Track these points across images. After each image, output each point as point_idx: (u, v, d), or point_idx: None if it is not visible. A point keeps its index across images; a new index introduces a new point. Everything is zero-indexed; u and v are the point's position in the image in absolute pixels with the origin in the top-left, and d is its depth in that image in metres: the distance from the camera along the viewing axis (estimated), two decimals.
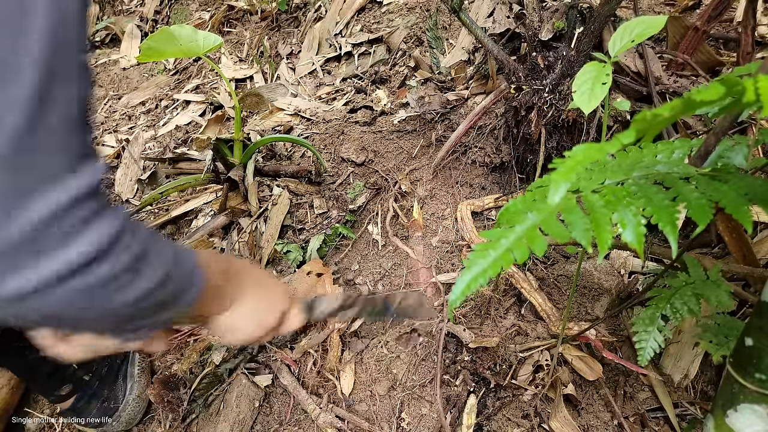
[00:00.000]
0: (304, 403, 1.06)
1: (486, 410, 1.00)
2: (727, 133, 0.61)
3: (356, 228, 1.40)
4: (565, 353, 1.01)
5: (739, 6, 1.45)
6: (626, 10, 1.56)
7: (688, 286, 0.79)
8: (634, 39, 0.69)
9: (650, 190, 0.50)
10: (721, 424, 0.75)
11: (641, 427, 0.94)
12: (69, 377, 1.05)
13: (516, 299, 1.15)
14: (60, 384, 1.04)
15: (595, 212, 0.48)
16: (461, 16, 1.17)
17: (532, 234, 0.50)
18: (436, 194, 1.40)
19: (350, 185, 1.49)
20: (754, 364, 0.68)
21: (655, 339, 0.79)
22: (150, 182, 1.78)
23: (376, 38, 1.97)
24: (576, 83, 0.69)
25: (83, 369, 1.07)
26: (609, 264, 1.14)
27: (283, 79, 2.09)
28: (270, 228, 1.40)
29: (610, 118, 1.20)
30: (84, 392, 1.07)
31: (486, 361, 1.04)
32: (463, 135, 1.39)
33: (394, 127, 1.59)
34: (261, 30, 2.37)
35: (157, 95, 2.31)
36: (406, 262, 1.28)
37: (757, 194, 0.49)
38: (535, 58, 1.16)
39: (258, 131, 1.79)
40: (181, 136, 1.99)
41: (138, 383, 1.12)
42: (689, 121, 1.24)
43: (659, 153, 0.64)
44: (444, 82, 1.63)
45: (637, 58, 1.28)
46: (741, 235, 0.92)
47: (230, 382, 1.13)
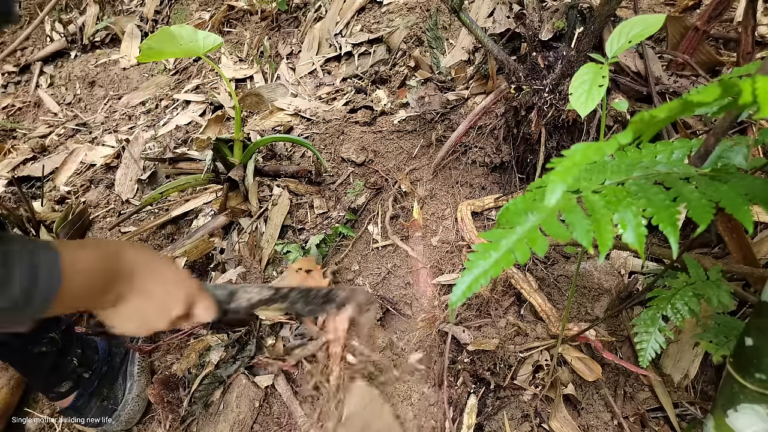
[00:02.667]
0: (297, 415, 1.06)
1: (486, 410, 1.00)
2: (727, 133, 0.61)
3: (356, 228, 1.40)
4: (565, 354, 1.01)
5: (739, 6, 1.45)
6: (626, 10, 1.56)
7: (689, 286, 0.79)
8: (631, 39, 0.69)
9: (650, 191, 0.50)
10: (721, 424, 0.75)
11: (641, 427, 0.94)
12: (69, 374, 1.05)
13: (515, 299, 1.15)
14: (60, 380, 1.04)
15: (595, 212, 0.48)
16: (461, 16, 1.17)
17: (532, 234, 0.50)
18: (436, 194, 1.40)
19: (350, 185, 1.49)
20: (754, 364, 0.68)
21: (656, 340, 0.79)
22: (150, 182, 1.78)
23: (376, 38, 1.97)
24: (573, 85, 0.69)
25: (84, 366, 1.07)
26: (609, 264, 1.14)
27: (283, 79, 2.09)
28: (270, 228, 1.40)
29: (610, 118, 1.20)
30: (84, 390, 1.07)
31: (486, 361, 1.04)
32: (463, 135, 1.39)
33: (394, 127, 1.59)
34: (261, 30, 2.37)
35: (157, 95, 2.31)
36: (406, 262, 1.28)
37: (757, 194, 0.49)
38: (535, 58, 1.16)
39: (258, 131, 1.79)
40: (181, 136, 1.99)
41: (138, 382, 1.12)
42: (689, 121, 1.24)
43: (659, 153, 0.64)
44: (444, 82, 1.63)
45: (637, 58, 1.28)
46: (741, 235, 0.92)
47: (230, 382, 1.13)
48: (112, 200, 1.79)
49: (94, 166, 1.97)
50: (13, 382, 1.16)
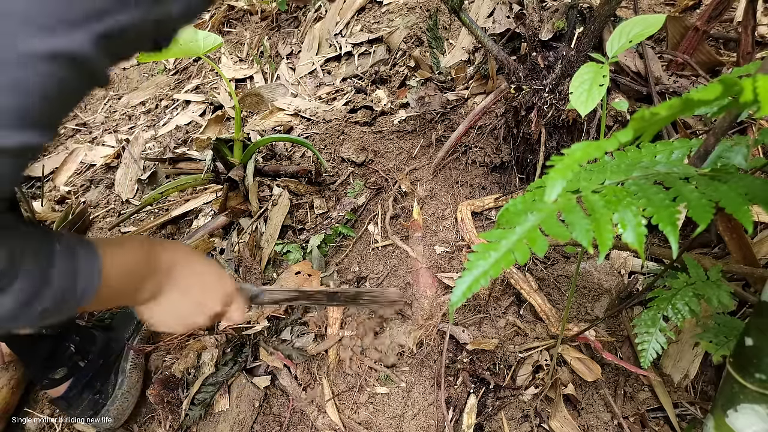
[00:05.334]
0: (302, 406, 1.06)
1: (486, 410, 1.00)
2: (727, 133, 0.61)
3: (356, 228, 1.40)
4: (565, 354, 1.01)
5: (739, 6, 1.45)
6: (626, 10, 1.56)
7: (689, 286, 0.79)
8: (631, 39, 0.69)
9: (650, 191, 0.50)
10: (721, 424, 0.75)
11: (641, 427, 0.94)
12: (65, 360, 1.05)
13: (515, 299, 1.15)
14: (55, 366, 1.04)
15: (595, 212, 0.48)
16: (461, 16, 1.17)
17: (532, 234, 0.50)
18: (436, 194, 1.40)
19: (350, 185, 1.49)
20: (754, 364, 0.68)
21: (657, 340, 0.79)
22: (150, 182, 1.78)
23: (376, 38, 1.97)
24: (573, 85, 0.69)
25: (80, 354, 1.08)
26: (609, 264, 1.14)
27: (283, 79, 2.09)
28: (270, 228, 1.40)
29: (610, 118, 1.20)
30: (78, 380, 1.07)
31: (485, 361, 1.04)
32: (463, 135, 1.39)
33: (394, 127, 1.59)
34: (261, 30, 2.37)
35: (157, 95, 2.31)
36: (406, 262, 1.28)
37: (757, 194, 0.49)
38: (535, 58, 1.16)
39: (258, 131, 1.79)
40: (181, 136, 1.99)
41: (128, 378, 1.12)
42: (689, 121, 1.24)
43: (659, 153, 0.64)
44: (444, 82, 1.63)
45: (637, 58, 1.28)
46: (741, 235, 0.92)
47: (230, 382, 1.13)
48: (112, 200, 1.79)
49: (94, 166, 1.97)
50: (13, 382, 1.16)
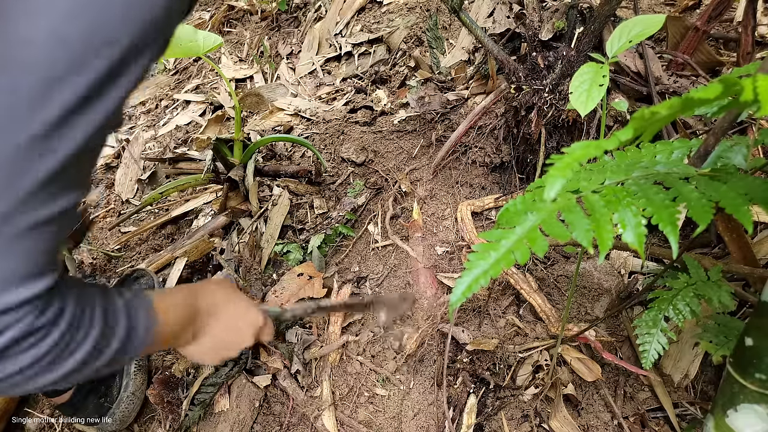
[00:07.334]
0: (302, 406, 1.06)
1: (486, 410, 1.00)
2: (727, 133, 0.61)
3: (356, 228, 1.40)
4: (565, 354, 1.01)
5: (739, 6, 1.45)
6: (626, 10, 1.56)
7: (690, 286, 0.79)
8: (631, 39, 0.69)
9: (650, 191, 0.50)
10: (721, 424, 0.75)
11: (641, 427, 0.94)
12: None
13: (514, 299, 1.15)
14: None
15: (595, 212, 0.48)
16: (461, 16, 1.17)
17: (532, 234, 0.50)
18: (436, 194, 1.40)
19: (350, 185, 1.49)
20: (754, 364, 0.68)
21: (659, 341, 0.78)
22: (150, 182, 1.78)
23: (376, 38, 1.97)
24: (573, 85, 0.69)
25: None
26: (609, 264, 1.14)
27: (283, 79, 2.09)
28: (270, 228, 1.40)
29: (610, 118, 1.20)
30: (82, 385, 1.06)
31: (485, 361, 1.04)
32: (463, 135, 1.39)
33: (394, 127, 1.59)
34: (261, 30, 2.37)
35: (157, 95, 2.31)
36: (406, 262, 1.28)
37: (757, 194, 0.49)
38: (535, 58, 1.16)
39: (258, 131, 1.79)
40: (181, 136, 1.99)
41: (133, 380, 1.12)
42: (689, 121, 1.24)
43: (658, 153, 0.64)
44: (444, 82, 1.63)
45: (637, 58, 1.28)
46: (741, 235, 0.91)
47: (230, 383, 1.13)
48: (112, 200, 1.79)
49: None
50: None
